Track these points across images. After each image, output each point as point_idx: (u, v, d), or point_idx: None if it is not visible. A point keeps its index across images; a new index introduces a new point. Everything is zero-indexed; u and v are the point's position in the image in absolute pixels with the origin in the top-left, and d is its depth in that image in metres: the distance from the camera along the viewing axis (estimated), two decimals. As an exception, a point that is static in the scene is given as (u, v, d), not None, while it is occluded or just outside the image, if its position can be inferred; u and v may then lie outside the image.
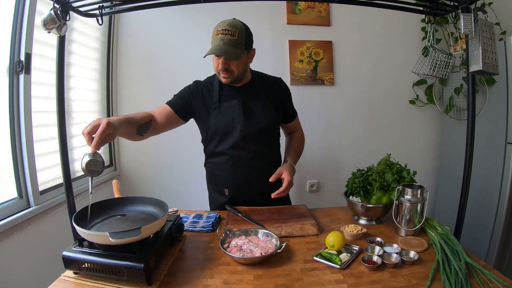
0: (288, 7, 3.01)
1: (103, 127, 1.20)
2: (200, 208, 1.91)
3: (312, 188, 3.26)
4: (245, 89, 1.82)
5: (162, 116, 1.77)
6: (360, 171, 1.72)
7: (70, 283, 1.12)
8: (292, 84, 3.02)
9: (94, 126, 1.20)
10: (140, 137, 1.68)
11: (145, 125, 1.67)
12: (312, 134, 3.07)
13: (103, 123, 1.20)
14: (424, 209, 1.46)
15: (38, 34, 1.89)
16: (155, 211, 1.35)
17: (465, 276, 1.10)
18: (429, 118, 3.32)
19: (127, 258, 1.07)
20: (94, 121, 1.21)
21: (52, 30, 1.40)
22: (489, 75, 1.57)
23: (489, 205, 2.55)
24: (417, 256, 1.24)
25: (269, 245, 1.30)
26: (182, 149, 3.03)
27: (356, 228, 1.46)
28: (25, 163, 1.84)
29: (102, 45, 2.78)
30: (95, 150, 1.18)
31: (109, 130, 1.23)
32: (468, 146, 1.55)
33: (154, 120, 1.74)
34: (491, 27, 1.48)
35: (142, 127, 1.65)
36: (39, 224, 1.90)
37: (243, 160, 1.81)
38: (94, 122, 1.21)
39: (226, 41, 1.60)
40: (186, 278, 1.15)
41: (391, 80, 3.22)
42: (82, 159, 1.17)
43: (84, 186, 2.40)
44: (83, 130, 1.19)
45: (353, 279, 1.13)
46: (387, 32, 3.16)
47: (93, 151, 1.17)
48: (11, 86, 1.78)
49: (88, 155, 1.17)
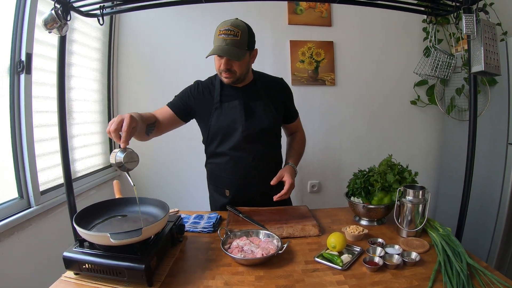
0: (289, 7, 3.01)
1: (128, 121, 1.24)
2: (201, 208, 1.91)
3: (313, 188, 3.25)
4: (247, 90, 1.82)
5: (164, 118, 1.77)
6: (362, 171, 1.72)
7: (71, 284, 1.11)
8: (293, 84, 3.02)
9: (118, 122, 1.24)
10: (147, 137, 1.69)
11: (151, 125, 1.69)
12: (313, 134, 3.06)
13: (126, 118, 1.25)
14: (426, 210, 1.46)
15: (39, 34, 1.89)
16: (156, 212, 1.34)
17: (466, 277, 1.10)
18: (430, 119, 3.32)
19: (128, 259, 1.07)
20: (116, 118, 1.25)
21: (53, 30, 1.40)
22: (491, 75, 1.57)
23: (490, 206, 2.54)
24: (418, 257, 1.24)
25: (270, 246, 1.30)
26: (183, 149, 3.03)
27: (358, 229, 1.46)
28: (25, 163, 1.84)
29: (103, 45, 2.78)
30: (126, 145, 1.23)
31: (133, 124, 1.28)
32: (469, 147, 1.55)
33: (157, 121, 1.74)
34: (493, 28, 1.47)
35: (150, 126, 1.67)
36: (39, 225, 1.90)
37: (244, 161, 1.80)
38: (117, 118, 1.25)
39: (229, 41, 1.59)
40: (187, 279, 1.15)
41: (392, 80, 3.21)
42: (115, 157, 1.21)
43: (85, 186, 2.40)
44: (108, 128, 1.24)
45: (354, 280, 1.13)
46: (388, 33, 3.16)
47: (124, 146, 1.22)
48: (12, 86, 1.78)
49: (120, 151, 1.21)
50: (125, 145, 1.22)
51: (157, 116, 1.75)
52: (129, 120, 1.25)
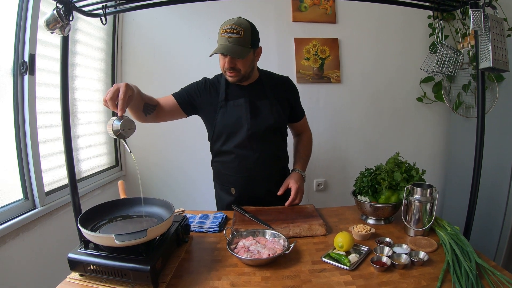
0: (294, 5, 2.99)
1: (123, 89, 1.26)
2: (207, 207, 1.90)
3: (319, 187, 3.24)
4: (252, 88, 1.81)
5: (166, 105, 1.79)
6: (368, 170, 1.70)
7: (76, 285, 1.11)
8: (298, 82, 3.00)
9: (114, 91, 1.26)
10: (144, 117, 1.70)
11: (151, 106, 1.71)
12: (319, 132, 3.04)
13: (122, 86, 1.27)
14: (434, 208, 1.44)
15: (42, 35, 1.89)
16: (161, 212, 1.33)
17: (475, 277, 1.08)
18: (436, 116, 3.29)
19: (133, 260, 1.06)
20: (112, 87, 1.27)
21: (55, 31, 1.39)
22: (499, 72, 1.54)
23: (498, 204, 2.51)
24: (426, 256, 1.22)
25: (277, 246, 1.29)
26: (188, 148, 3.04)
27: (365, 228, 1.44)
28: (30, 164, 1.84)
29: (106, 45, 2.78)
30: (123, 113, 1.25)
31: (129, 92, 1.30)
32: (478, 144, 1.52)
33: (159, 106, 1.76)
34: (501, 23, 1.45)
35: (149, 106, 1.69)
36: (44, 226, 1.90)
37: (250, 159, 1.80)
38: (112, 88, 1.27)
39: (232, 39, 1.59)
40: (193, 280, 1.14)
41: (398, 77, 3.19)
42: (112, 126, 1.23)
43: (90, 186, 2.40)
44: (104, 97, 1.26)
45: (362, 280, 1.12)
46: (393, 29, 3.13)
47: (121, 114, 1.24)
48: (16, 87, 1.78)
49: (117, 119, 1.23)
50: (121, 113, 1.24)
51: (160, 102, 1.78)
52: (125, 88, 1.26)
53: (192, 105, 1.83)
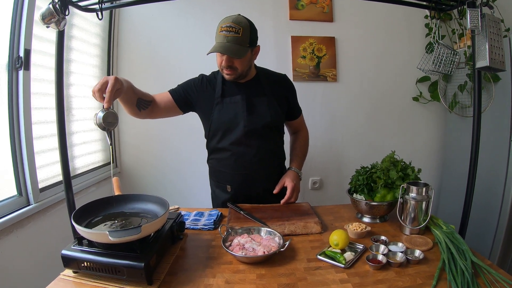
0: (291, 3, 2.98)
1: (112, 82, 1.28)
2: (202, 205, 1.89)
3: (314, 185, 3.24)
4: (249, 85, 1.80)
5: (161, 101, 1.78)
6: (364, 168, 1.70)
7: (70, 282, 1.10)
8: (295, 80, 2.98)
9: (102, 83, 1.27)
10: (138, 112, 1.70)
11: (145, 101, 1.71)
12: (315, 130, 3.02)
13: (111, 79, 1.28)
14: (429, 207, 1.44)
15: (38, 30, 1.87)
16: (156, 209, 1.33)
17: (471, 275, 1.08)
18: (432, 115, 3.29)
19: (127, 257, 1.05)
20: (102, 79, 1.28)
21: (51, 25, 1.38)
22: (495, 71, 1.55)
23: (493, 202, 2.53)
24: (422, 255, 1.22)
25: (272, 243, 1.29)
26: (184, 145, 3.03)
27: (360, 226, 1.44)
28: (24, 160, 1.82)
29: (102, 41, 2.76)
30: (109, 106, 1.26)
31: (117, 85, 1.31)
32: (473, 143, 1.52)
33: (154, 102, 1.76)
34: (498, 23, 1.46)
35: (142, 101, 1.69)
36: (38, 222, 1.88)
37: (246, 156, 1.79)
38: (102, 80, 1.28)
39: (230, 38, 1.57)
40: (188, 277, 1.14)
41: (394, 76, 3.19)
42: (96, 116, 1.24)
43: (84, 183, 2.39)
44: (93, 88, 1.27)
45: (357, 278, 1.11)
46: (390, 28, 3.13)
47: (107, 106, 1.25)
48: (10, 82, 1.76)
49: (101, 111, 1.24)
50: (107, 106, 1.25)
51: (156, 98, 1.77)
52: (113, 82, 1.28)
53: (188, 102, 1.82)
